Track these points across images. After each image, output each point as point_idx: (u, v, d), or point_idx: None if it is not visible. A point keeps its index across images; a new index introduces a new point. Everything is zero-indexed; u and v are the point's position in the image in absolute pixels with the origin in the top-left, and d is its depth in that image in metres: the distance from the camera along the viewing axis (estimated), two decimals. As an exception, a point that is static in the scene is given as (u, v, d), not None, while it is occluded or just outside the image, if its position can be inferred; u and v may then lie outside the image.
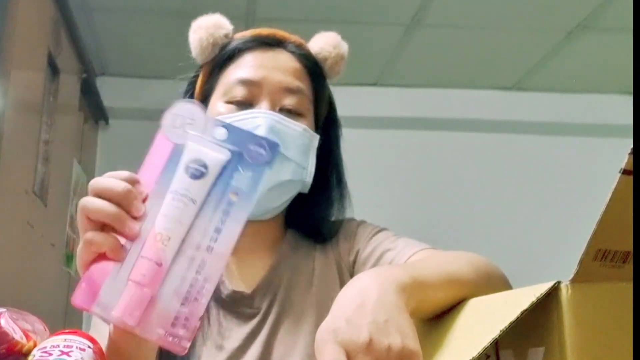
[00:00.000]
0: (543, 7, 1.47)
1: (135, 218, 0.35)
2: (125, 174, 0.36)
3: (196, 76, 0.60)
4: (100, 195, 0.36)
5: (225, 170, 0.36)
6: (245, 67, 0.55)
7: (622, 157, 0.29)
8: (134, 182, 0.36)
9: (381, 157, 1.81)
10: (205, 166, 0.36)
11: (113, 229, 0.35)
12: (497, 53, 1.68)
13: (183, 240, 0.35)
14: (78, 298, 0.35)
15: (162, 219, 0.35)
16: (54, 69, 1.35)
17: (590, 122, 1.85)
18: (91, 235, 0.35)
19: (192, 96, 0.60)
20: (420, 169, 1.84)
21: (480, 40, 1.62)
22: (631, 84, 1.68)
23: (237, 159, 0.36)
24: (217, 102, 0.56)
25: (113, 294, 0.34)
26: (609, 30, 1.54)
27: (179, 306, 0.35)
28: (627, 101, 1.79)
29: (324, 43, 0.58)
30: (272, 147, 0.36)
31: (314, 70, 0.57)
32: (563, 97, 1.85)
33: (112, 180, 0.36)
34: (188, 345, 0.34)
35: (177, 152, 0.36)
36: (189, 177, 0.35)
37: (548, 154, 1.87)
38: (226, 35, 0.57)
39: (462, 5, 1.48)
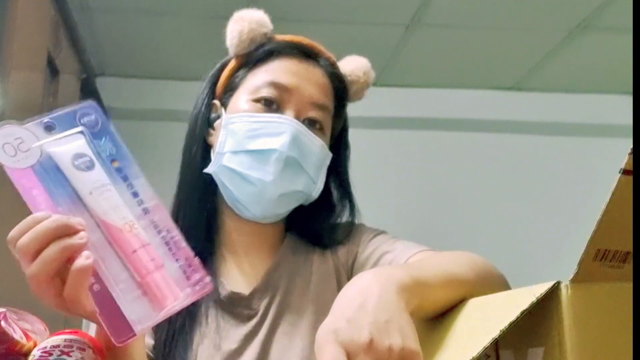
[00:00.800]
0: (543, 7, 1.47)
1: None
2: (37, 217, 0.35)
3: (223, 65, 0.60)
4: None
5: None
6: (280, 72, 0.56)
7: (622, 157, 0.29)
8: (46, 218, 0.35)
9: (381, 157, 1.81)
10: (84, 155, 0.37)
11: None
12: (497, 53, 1.68)
13: None
14: (117, 335, 0.35)
15: (112, 215, 0.36)
16: (53, 69, 1.35)
17: (590, 122, 1.85)
18: (47, 253, 0.34)
19: (214, 85, 0.60)
20: (420, 169, 1.84)
21: (480, 40, 1.62)
22: (631, 84, 1.68)
23: (85, 137, 0.38)
24: (243, 96, 0.56)
25: (137, 304, 0.35)
26: (609, 30, 1.54)
27: (176, 263, 0.37)
28: (627, 101, 1.79)
29: (354, 67, 0.60)
30: (92, 107, 0.38)
31: (340, 91, 0.58)
32: (563, 97, 1.85)
33: (33, 229, 0.35)
34: (209, 279, 0.37)
35: (42, 171, 0.36)
36: (86, 172, 0.36)
37: (548, 153, 1.87)
38: (265, 34, 0.58)
39: (462, 5, 1.48)
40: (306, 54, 0.57)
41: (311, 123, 0.55)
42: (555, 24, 1.54)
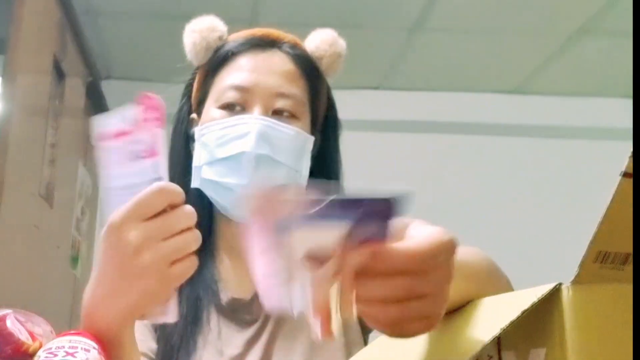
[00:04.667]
0: (544, 11, 1.48)
1: None
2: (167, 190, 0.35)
3: (193, 79, 0.60)
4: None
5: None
6: (238, 72, 0.55)
7: (623, 159, 0.29)
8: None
9: (383, 160, 1.82)
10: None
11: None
12: (499, 57, 1.68)
13: None
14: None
15: None
16: (59, 72, 1.35)
17: (591, 125, 1.85)
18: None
19: (189, 99, 0.60)
20: (423, 172, 1.84)
21: (482, 44, 1.62)
22: (631, 87, 1.68)
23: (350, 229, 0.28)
24: (211, 107, 0.56)
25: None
26: (610, 34, 1.54)
27: None
28: (628, 104, 1.79)
29: (319, 41, 0.57)
30: (391, 204, 0.29)
31: (309, 71, 0.57)
32: (564, 100, 1.86)
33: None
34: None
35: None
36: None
37: (549, 156, 1.87)
38: (220, 38, 0.57)
39: (464, 9, 1.48)
40: (262, 45, 0.55)
41: (280, 113, 0.54)
42: (557, 28, 1.55)
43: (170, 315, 0.37)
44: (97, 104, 1.69)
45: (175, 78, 0.61)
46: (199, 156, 0.55)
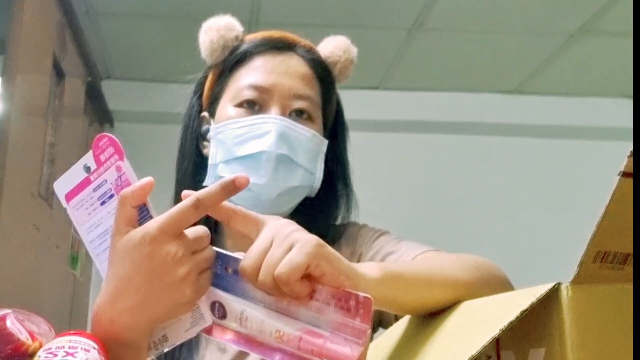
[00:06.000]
0: (544, 11, 1.48)
1: None
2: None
3: (205, 77, 0.60)
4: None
5: None
6: (256, 72, 0.55)
7: (622, 159, 0.29)
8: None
9: (383, 160, 1.82)
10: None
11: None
12: (498, 57, 1.68)
13: None
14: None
15: None
16: (59, 72, 1.36)
17: (590, 125, 1.86)
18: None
19: (200, 97, 0.60)
20: (422, 172, 1.84)
21: (482, 44, 1.62)
22: (631, 87, 1.68)
23: None
24: (227, 105, 0.56)
25: None
26: (610, 34, 1.54)
27: None
28: (627, 104, 1.79)
29: (334, 47, 0.58)
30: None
31: (324, 76, 0.57)
32: (564, 100, 1.86)
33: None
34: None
35: None
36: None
37: (549, 156, 1.87)
38: (237, 37, 0.57)
39: (464, 9, 1.48)
40: (279, 47, 0.56)
41: (298, 114, 0.55)
42: (556, 28, 1.55)
43: (207, 318, 0.37)
44: (96, 104, 1.69)
45: (175, 78, 0.61)
46: (215, 154, 0.55)
